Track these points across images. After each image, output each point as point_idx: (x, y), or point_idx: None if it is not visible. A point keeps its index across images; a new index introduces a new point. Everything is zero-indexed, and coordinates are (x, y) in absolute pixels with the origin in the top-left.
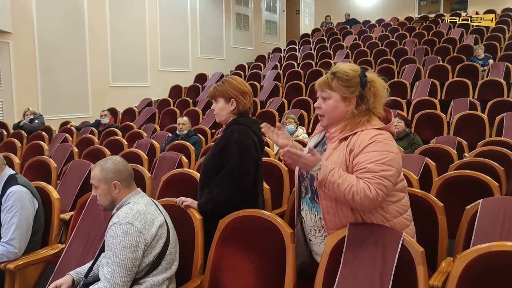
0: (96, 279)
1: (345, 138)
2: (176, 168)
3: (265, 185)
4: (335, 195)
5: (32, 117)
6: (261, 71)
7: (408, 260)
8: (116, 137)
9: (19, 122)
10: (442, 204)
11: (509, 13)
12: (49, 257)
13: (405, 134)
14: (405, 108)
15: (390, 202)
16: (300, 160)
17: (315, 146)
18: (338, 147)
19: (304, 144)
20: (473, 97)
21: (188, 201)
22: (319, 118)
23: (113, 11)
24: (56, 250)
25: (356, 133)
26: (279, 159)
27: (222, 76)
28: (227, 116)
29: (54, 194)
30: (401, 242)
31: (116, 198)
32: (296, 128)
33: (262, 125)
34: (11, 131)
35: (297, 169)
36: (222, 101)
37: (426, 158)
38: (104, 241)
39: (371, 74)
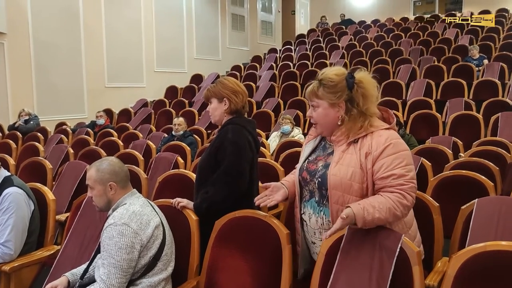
0: (92, 281)
1: (355, 141)
2: (172, 169)
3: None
4: (380, 224)
5: (27, 118)
6: (257, 71)
7: (404, 260)
8: (112, 138)
9: (14, 123)
10: (438, 204)
11: (504, 13)
12: (44, 258)
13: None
14: (401, 108)
15: None
16: (342, 227)
17: (313, 151)
18: (348, 149)
19: (299, 145)
20: (468, 97)
21: (184, 202)
22: (313, 126)
23: (109, 11)
24: (52, 252)
25: (366, 135)
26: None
27: (218, 76)
28: (221, 116)
29: (50, 195)
30: (399, 245)
31: (112, 199)
32: (292, 128)
33: (256, 203)
34: (6, 132)
35: (296, 174)
36: (215, 102)
37: (422, 158)
38: (99, 242)
39: (360, 74)
